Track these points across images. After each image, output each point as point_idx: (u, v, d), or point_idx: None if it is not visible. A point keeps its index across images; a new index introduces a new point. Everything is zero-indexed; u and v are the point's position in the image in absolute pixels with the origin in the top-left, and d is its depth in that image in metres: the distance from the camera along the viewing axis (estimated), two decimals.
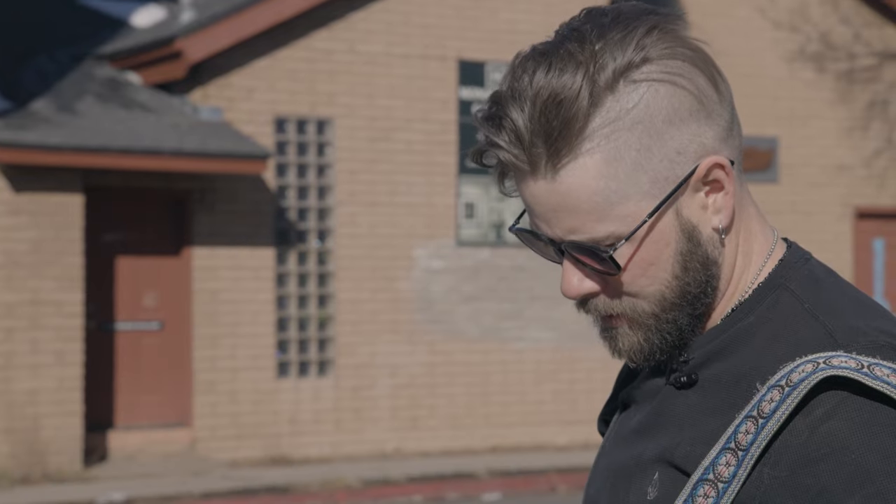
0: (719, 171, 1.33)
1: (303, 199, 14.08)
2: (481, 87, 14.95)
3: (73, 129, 12.62)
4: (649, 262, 1.33)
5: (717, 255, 1.36)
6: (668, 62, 1.33)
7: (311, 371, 14.01)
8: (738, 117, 1.39)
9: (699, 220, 1.34)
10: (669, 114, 1.31)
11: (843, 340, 1.28)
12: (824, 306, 1.33)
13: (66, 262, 12.54)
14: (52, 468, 12.42)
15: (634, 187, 1.31)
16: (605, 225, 1.32)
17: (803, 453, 1.24)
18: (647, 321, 1.36)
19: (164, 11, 15.38)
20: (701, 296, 1.36)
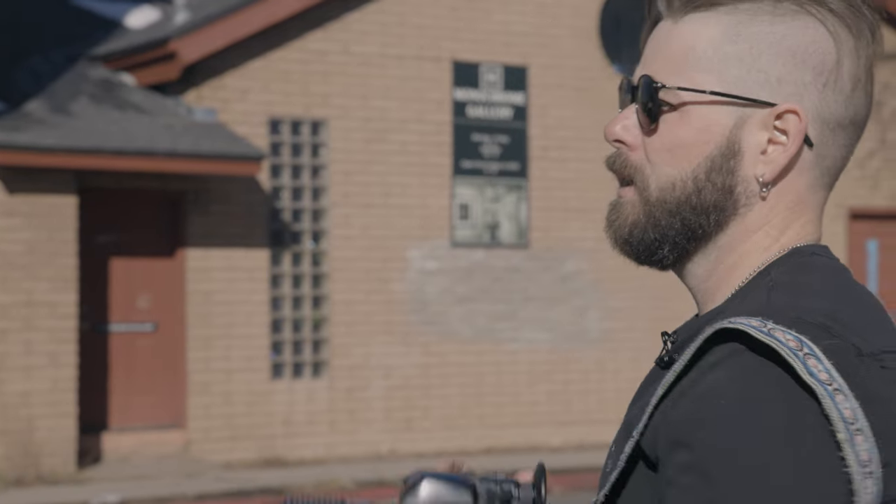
0: (794, 119, 1.31)
1: (297, 201, 14.07)
2: (476, 88, 14.95)
3: (67, 131, 12.61)
4: (682, 143, 1.33)
5: (741, 202, 1.33)
6: (839, 20, 1.33)
7: (306, 372, 14.01)
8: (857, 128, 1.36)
9: (748, 152, 1.32)
10: (801, 50, 1.32)
11: (771, 311, 1.23)
12: (785, 286, 1.28)
13: (60, 264, 12.52)
14: (46, 470, 12.41)
15: (722, 69, 1.32)
16: (675, 77, 1.33)
17: (684, 396, 1.22)
18: (648, 200, 1.34)
19: (157, 12, 15.37)
20: (701, 220, 1.33)
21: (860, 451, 1.17)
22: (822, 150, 1.34)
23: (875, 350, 1.22)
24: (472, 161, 14.88)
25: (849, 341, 1.21)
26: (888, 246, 17.61)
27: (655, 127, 1.34)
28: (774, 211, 1.34)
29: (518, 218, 15.10)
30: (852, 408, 1.17)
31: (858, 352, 1.21)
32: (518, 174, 15.15)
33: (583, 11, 15.60)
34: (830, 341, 1.20)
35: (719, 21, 1.33)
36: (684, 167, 1.33)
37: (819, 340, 1.20)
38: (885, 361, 1.22)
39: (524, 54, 15.26)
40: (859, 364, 1.20)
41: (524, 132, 15.22)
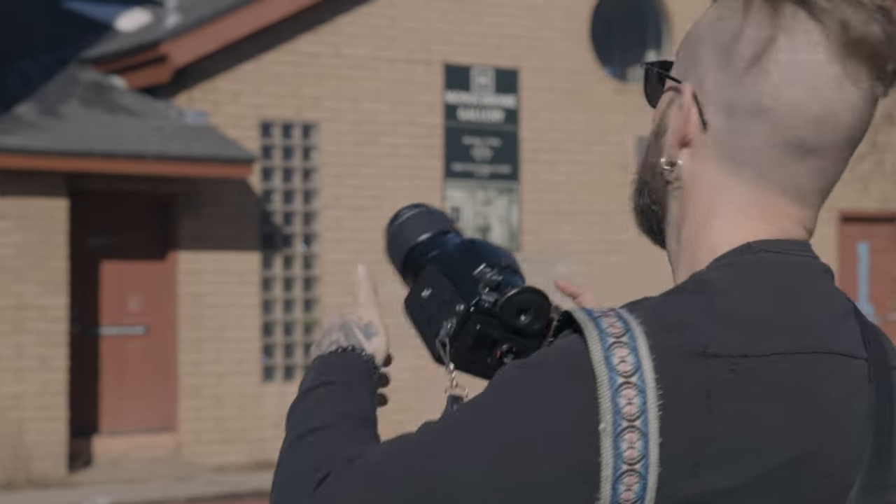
0: (686, 98, 1.31)
1: (288, 203, 14.07)
2: (467, 91, 14.95)
3: (58, 133, 12.59)
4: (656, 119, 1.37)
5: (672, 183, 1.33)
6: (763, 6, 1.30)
7: (297, 375, 13.99)
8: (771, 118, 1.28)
9: (668, 133, 1.35)
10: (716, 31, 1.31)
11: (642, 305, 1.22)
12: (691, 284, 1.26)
13: (51, 267, 12.50)
14: (37, 473, 12.38)
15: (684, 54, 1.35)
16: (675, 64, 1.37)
17: None
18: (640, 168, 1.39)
19: (148, 15, 15.36)
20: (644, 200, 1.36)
21: (625, 446, 1.14)
22: (722, 138, 1.29)
23: (733, 353, 1.18)
24: (463, 164, 14.89)
25: (694, 341, 1.18)
26: (879, 248, 17.64)
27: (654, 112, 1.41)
28: (699, 199, 1.31)
29: (509, 221, 15.11)
30: (639, 405, 1.15)
31: (701, 352, 1.17)
32: (509, 177, 15.15)
33: (574, 14, 15.61)
34: (665, 337, 1.18)
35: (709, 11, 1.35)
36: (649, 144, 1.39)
37: (651, 335, 1.18)
38: (740, 365, 1.18)
39: (515, 57, 15.27)
40: (690, 364, 1.17)
41: (515, 135, 15.23)
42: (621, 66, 16.25)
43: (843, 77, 1.27)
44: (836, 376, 1.23)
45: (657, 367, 1.16)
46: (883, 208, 17.59)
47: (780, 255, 1.29)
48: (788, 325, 1.23)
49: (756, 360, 1.19)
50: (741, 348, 1.19)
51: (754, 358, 1.19)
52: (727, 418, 1.16)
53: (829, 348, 1.23)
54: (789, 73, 1.26)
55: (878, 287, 17.61)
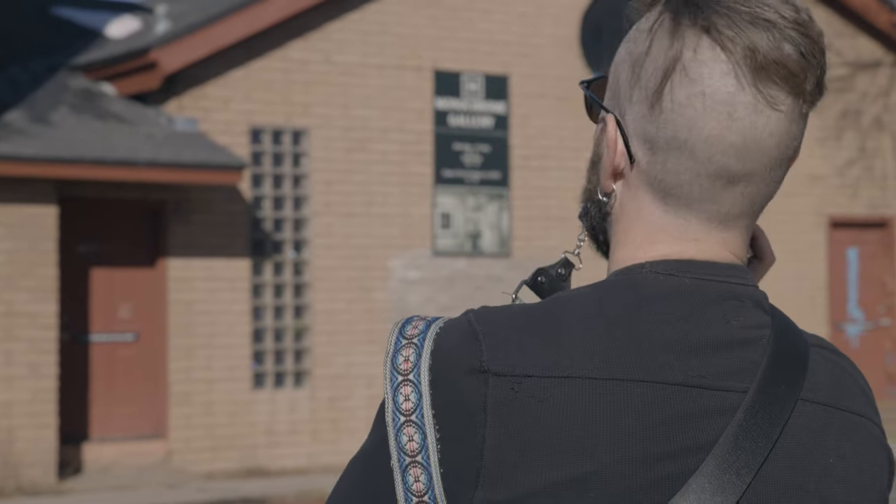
0: (611, 129, 1.31)
1: (278, 210, 14.06)
2: (457, 98, 14.96)
3: (48, 141, 12.58)
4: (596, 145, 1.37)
5: (603, 210, 1.35)
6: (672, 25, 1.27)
7: (288, 382, 13.98)
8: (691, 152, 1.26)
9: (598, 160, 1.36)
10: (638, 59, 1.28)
11: (471, 312, 1.28)
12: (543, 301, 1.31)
13: (41, 274, 12.49)
14: (26, 481, 12.36)
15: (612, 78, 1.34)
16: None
17: None
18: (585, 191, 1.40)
19: (138, 22, 15.35)
20: (584, 221, 1.39)
21: (405, 440, 1.22)
22: (648, 169, 1.28)
23: (517, 373, 1.21)
24: (453, 170, 14.90)
25: (476, 357, 1.22)
26: (868, 254, 17.67)
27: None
28: (623, 225, 1.31)
29: (499, 227, 15.12)
30: (415, 401, 1.23)
31: (478, 370, 1.21)
32: (499, 183, 15.16)
33: (564, 21, 15.63)
34: (449, 346, 1.23)
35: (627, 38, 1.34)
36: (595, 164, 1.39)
37: (438, 341, 1.24)
38: (521, 385, 1.20)
39: (505, 63, 15.28)
40: (463, 378, 1.21)
41: (505, 141, 15.24)
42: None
43: (759, 102, 1.24)
44: (649, 405, 1.21)
45: (432, 372, 1.23)
46: (872, 214, 17.63)
47: (671, 276, 1.27)
48: (605, 352, 1.22)
49: (538, 381, 1.21)
50: (529, 369, 1.21)
51: (537, 379, 1.21)
52: (504, 436, 1.20)
53: (649, 377, 1.21)
54: (701, 105, 1.24)
55: (868, 292, 17.64)
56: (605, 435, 1.20)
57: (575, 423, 1.20)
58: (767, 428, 1.23)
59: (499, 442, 1.20)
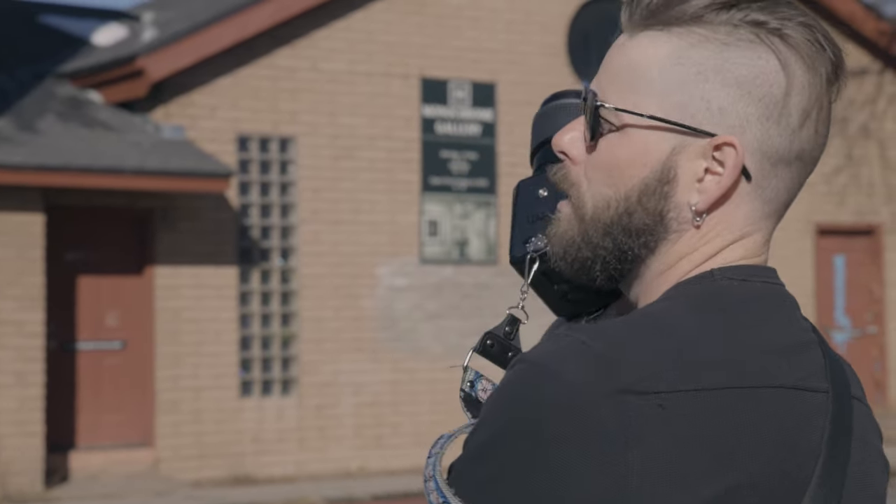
0: (731, 152, 1.29)
1: (266, 218, 14.05)
2: (444, 105, 14.97)
3: (34, 148, 12.56)
4: (618, 164, 1.31)
5: (672, 227, 1.31)
6: (795, 53, 1.30)
7: (275, 390, 13.97)
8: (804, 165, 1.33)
9: (684, 179, 1.30)
10: (748, 81, 1.29)
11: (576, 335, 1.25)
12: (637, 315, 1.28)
13: (27, 282, 12.46)
14: (13, 489, 12.32)
15: (666, 94, 1.30)
16: (617, 96, 1.31)
17: None
18: (583, 217, 1.33)
19: (125, 30, 15.34)
20: (630, 242, 1.32)
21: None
22: (762, 183, 1.31)
23: (664, 389, 1.19)
24: (440, 178, 14.90)
25: (614, 379, 1.19)
26: (855, 261, 17.71)
27: (594, 144, 1.32)
28: (705, 239, 1.32)
29: (487, 234, 15.12)
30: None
31: (621, 391, 1.19)
32: (487, 191, 15.17)
33: (551, 29, 15.66)
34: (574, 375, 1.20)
35: (670, 42, 1.30)
36: (619, 188, 1.31)
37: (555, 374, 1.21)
38: (669, 401, 1.19)
39: (493, 71, 15.30)
40: (617, 399, 1.19)
41: (493, 149, 15.25)
42: None
43: (829, 105, 1.34)
44: (777, 410, 1.23)
45: (562, 404, 1.19)
46: (859, 221, 17.67)
47: (745, 282, 1.30)
48: (728, 360, 1.23)
49: (686, 395, 1.20)
50: (674, 384, 1.20)
51: (685, 393, 1.20)
52: (657, 455, 1.18)
53: (771, 382, 1.24)
54: (823, 116, 1.33)
55: (855, 300, 17.67)
56: (748, 444, 1.21)
57: (719, 436, 1.20)
58: (847, 428, 1.29)
59: (646, 465, 1.18)
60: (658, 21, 1.31)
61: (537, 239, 1.43)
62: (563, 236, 1.35)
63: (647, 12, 1.32)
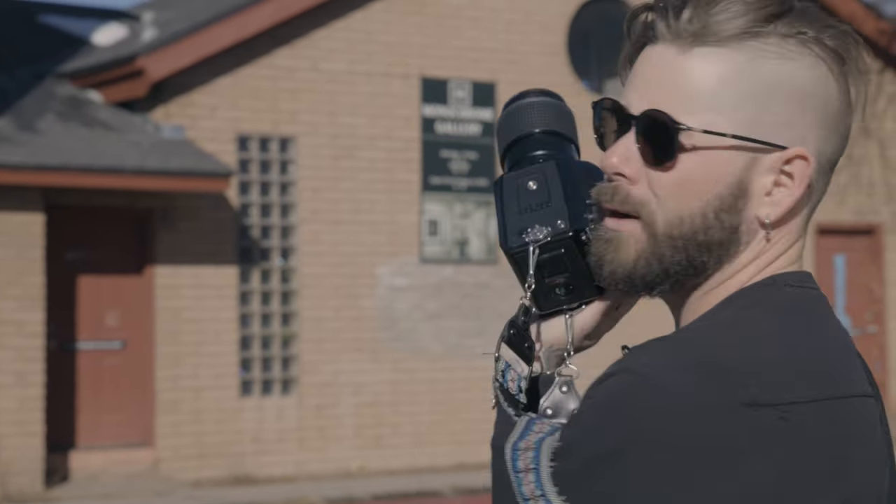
0: (802, 164, 1.32)
1: (266, 217, 14.05)
2: (444, 105, 14.97)
3: (34, 148, 12.56)
4: (692, 180, 1.32)
5: (743, 240, 1.33)
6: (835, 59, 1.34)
7: (275, 389, 13.96)
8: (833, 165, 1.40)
9: (755, 193, 1.32)
10: (806, 91, 1.32)
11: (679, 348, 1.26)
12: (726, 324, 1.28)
13: (27, 282, 12.45)
14: (13, 489, 12.32)
15: (736, 110, 1.31)
16: (690, 116, 1.31)
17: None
18: (655, 234, 1.33)
19: (125, 30, 15.34)
20: (704, 257, 1.33)
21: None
22: (815, 188, 1.36)
23: (783, 401, 1.21)
24: (440, 177, 14.90)
25: (734, 392, 1.21)
26: (855, 261, 17.71)
27: (672, 164, 1.32)
28: (768, 247, 1.34)
29: (487, 234, 15.12)
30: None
31: (744, 404, 1.20)
32: (487, 190, 15.17)
33: (551, 28, 15.65)
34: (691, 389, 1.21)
35: (731, 58, 1.31)
36: (693, 204, 1.32)
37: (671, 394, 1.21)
38: (789, 413, 1.21)
39: (493, 71, 15.29)
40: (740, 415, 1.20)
41: (493, 148, 15.24)
42: (599, 79, 16.30)
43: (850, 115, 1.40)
44: (863, 418, 1.26)
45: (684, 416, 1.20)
46: (859, 221, 17.67)
47: (801, 289, 1.34)
48: (824, 371, 1.26)
49: (803, 407, 1.22)
50: (793, 396, 1.22)
51: (801, 405, 1.22)
52: (783, 467, 1.20)
53: (854, 391, 1.27)
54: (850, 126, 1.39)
55: (855, 299, 17.67)
56: (855, 454, 1.23)
57: (834, 446, 1.22)
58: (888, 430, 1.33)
59: (773, 478, 1.19)
60: (712, 37, 1.32)
61: (535, 230, 1.42)
62: (629, 255, 1.35)
63: (697, 29, 1.32)
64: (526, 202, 1.44)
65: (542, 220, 1.42)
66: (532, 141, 1.50)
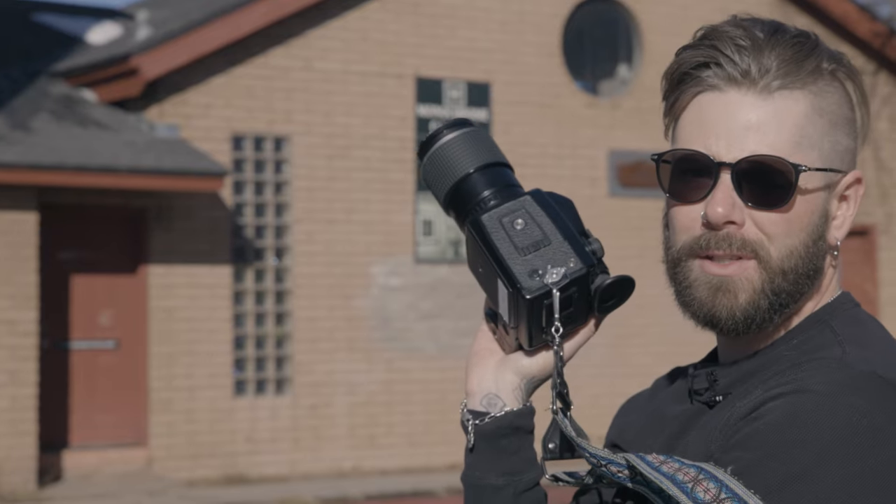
0: (859, 187, 1.45)
1: (260, 217, 14.04)
2: (439, 105, 14.97)
3: (28, 147, 12.54)
4: (800, 216, 1.41)
5: (824, 265, 1.44)
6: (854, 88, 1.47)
7: (269, 389, 13.96)
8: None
9: (831, 219, 1.45)
10: (849, 118, 1.45)
11: (848, 360, 1.34)
12: (856, 339, 1.37)
13: (20, 281, 12.44)
14: (6, 489, 12.30)
15: (818, 144, 1.41)
16: (798, 156, 1.40)
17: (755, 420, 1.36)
18: (772, 270, 1.40)
19: (119, 28, 15.32)
20: (806, 283, 1.42)
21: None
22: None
23: None
24: None
25: None
26: (849, 262, 17.73)
27: (790, 205, 1.40)
28: (828, 266, 1.45)
29: None
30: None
31: None
32: None
33: (546, 29, 15.65)
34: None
35: (806, 98, 1.42)
36: (800, 236, 1.41)
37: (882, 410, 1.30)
38: None
39: (487, 71, 15.29)
40: None
41: None
42: (593, 79, 16.31)
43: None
44: None
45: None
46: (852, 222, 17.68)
47: (858, 307, 1.47)
48: None
49: None
50: None
51: None
52: None
53: None
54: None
55: None
56: None
57: None
58: None
59: None
60: (795, 81, 1.41)
61: (550, 272, 1.39)
62: (748, 296, 1.40)
63: (775, 73, 1.40)
64: (522, 242, 1.40)
65: (553, 261, 1.39)
66: (472, 182, 1.44)
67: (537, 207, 1.41)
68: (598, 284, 1.39)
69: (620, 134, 15.89)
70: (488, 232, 1.41)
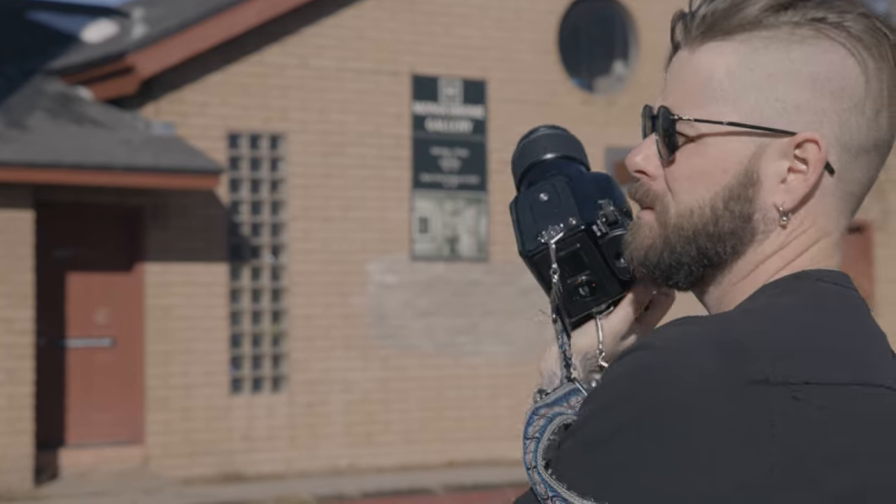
0: (813, 148, 1.31)
1: (256, 215, 14.03)
2: (434, 102, 14.96)
3: (24, 145, 12.53)
4: (700, 172, 1.34)
5: (759, 229, 1.34)
6: (859, 42, 1.33)
7: (265, 387, 13.95)
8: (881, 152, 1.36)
9: (767, 180, 1.33)
10: (820, 75, 1.32)
11: (704, 328, 1.25)
12: (753, 310, 1.29)
13: (16, 279, 12.43)
14: (2, 487, 12.30)
15: (740, 100, 1.32)
16: (695, 109, 1.34)
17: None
18: (666, 225, 1.36)
19: (115, 26, 15.31)
20: (717, 247, 1.34)
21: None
22: (843, 176, 1.34)
23: (795, 380, 1.21)
24: (431, 175, 14.89)
25: (749, 369, 1.20)
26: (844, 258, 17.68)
27: (674, 158, 1.35)
28: (792, 236, 1.35)
29: (478, 231, 15.12)
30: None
31: (757, 381, 1.20)
32: (477, 188, 15.17)
33: (542, 26, 15.65)
34: (713, 364, 1.20)
35: (735, 50, 1.33)
36: (703, 195, 1.34)
37: (691, 365, 1.21)
38: (801, 393, 1.20)
39: (483, 68, 15.29)
40: (753, 391, 1.19)
41: (483, 146, 15.25)
42: (589, 76, 16.31)
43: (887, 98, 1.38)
44: (883, 410, 1.26)
45: (704, 389, 1.20)
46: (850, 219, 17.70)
47: (836, 286, 1.34)
48: (848, 357, 1.26)
49: (818, 388, 1.21)
50: (802, 376, 1.21)
51: (815, 386, 1.21)
52: (791, 446, 1.19)
53: (876, 381, 1.27)
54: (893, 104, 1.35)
55: None
56: (872, 444, 1.23)
57: (847, 432, 1.21)
58: None
59: (782, 457, 1.18)
60: (719, 31, 1.34)
61: (549, 230, 1.46)
62: (643, 242, 1.37)
63: (706, 25, 1.34)
64: (539, 212, 1.48)
65: (555, 221, 1.46)
66: (543, 165, 1.56)
67: (565, 184, 1.49)
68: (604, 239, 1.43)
69: (616, 131, 15.89)
70: (517, 207, 1.52)
